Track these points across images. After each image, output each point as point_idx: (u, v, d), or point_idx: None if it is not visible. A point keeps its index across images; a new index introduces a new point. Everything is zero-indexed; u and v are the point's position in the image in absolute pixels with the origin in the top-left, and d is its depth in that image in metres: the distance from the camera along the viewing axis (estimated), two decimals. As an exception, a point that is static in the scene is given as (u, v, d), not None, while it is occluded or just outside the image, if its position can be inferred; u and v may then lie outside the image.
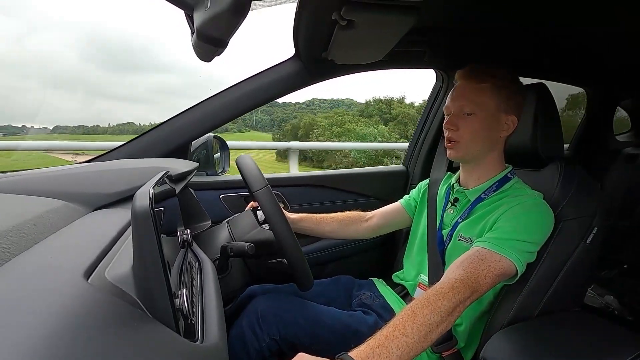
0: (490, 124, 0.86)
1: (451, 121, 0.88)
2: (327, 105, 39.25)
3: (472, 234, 0.85)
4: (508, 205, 0.81)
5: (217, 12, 0.45)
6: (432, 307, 0.63)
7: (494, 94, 0.85)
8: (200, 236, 0.93)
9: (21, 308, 0.30)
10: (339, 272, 1.16)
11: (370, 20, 0.74)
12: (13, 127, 21.60)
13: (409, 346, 0.57)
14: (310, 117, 35.69)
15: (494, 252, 0.74)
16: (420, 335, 0.59)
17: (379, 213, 1.15)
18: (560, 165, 0.90)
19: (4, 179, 0.68)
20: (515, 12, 0.92)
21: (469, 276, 0.69)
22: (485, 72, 0.86)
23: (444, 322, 0.63)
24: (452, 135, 0.88)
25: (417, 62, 1.25)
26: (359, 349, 0.55)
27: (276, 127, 36.03)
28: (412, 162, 1.51)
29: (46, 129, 36.21)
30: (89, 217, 0.62)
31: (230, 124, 36.73)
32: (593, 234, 0.84)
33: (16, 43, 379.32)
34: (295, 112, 38.07)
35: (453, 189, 0.98)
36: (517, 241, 0.75)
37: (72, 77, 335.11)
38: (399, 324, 0.59)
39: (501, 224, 0.79)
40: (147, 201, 0.39)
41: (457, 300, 0.65)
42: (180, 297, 0.44)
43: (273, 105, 38.30)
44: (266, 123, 36.96)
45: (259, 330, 0.82)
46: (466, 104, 0.86)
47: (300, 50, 1.05)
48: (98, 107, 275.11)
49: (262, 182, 0.82)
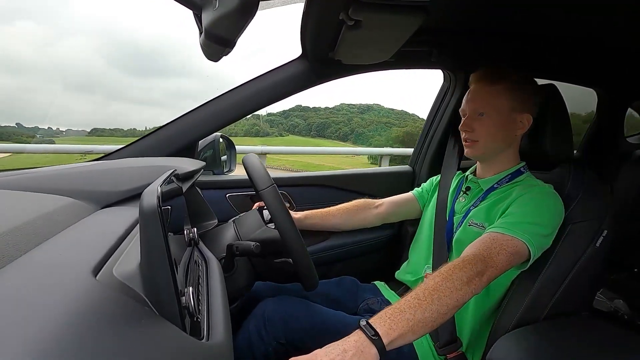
0: (504, 123, 0.88)
1: (466, 123, 0.91)
2: (357, 110, 39.50)
3: (483, 219, 0.87)
4: (518, 193, 0.83)
5: (226, 13, 0.45)
6: (443, 276, 0.65)
7: (508, 95, 0.86)
8: (206, 235, 0.93)
9: (30, 304, 0.30)
10: (344, 272, 1.16)
11: (377, 21, 0.73)
12: (52, 130, 22.00)
13: (425, 312, 0.60)
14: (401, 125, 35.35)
15: (506, 234, 0.75)
16: (434, 301, 0.62)
17: (388, 201, 1.16)
18: (570, 167, 0.89)
19: (14, 176, 0.69)
20: (524, 13, 0.91)
21: (481, 252, 0.71)
22: (499, 74, 0.88)
23: (457, 291, 0.64)
24: (468, 136, 0.91)
25: (424, 63, 1.24)
26: (378, 315, 0.60)
27: (314, 132, 36.12)
28: (419, 163, 1.50)
29: (84, 131, 37.14)
30: (97, 215, 0.63)
31: (271, 129, 36.84)
32: (602, 237, 0.83)
33: (43, 48, 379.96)
34: (331, 117, 38.20)
35: (466, 180, 1.00)
36: (528, 224, 0.77)
37: (93, 81, 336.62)
38: (414, 294, 0.63)
39: (512, 210, 0.81)
40: (155, 199, 0.39)
41: (471, 272, 0.66)
42: (186, 295, 0.44)
43: (305, 110, 38.56)
44: (303, 127, 37.14)
45: (265, 333, 0.81)
46: (480, 106, 0.88)
47: (308, 50, 1.05)
48: (115, 110, 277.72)
49: (268, 181, 0.82)
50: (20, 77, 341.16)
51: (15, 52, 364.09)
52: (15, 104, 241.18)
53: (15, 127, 22.05)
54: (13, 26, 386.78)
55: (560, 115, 0.91)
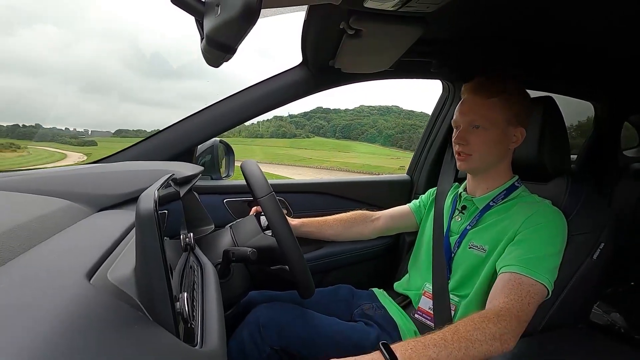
0: (499, 137, 0.86)
1: (460, 136, 0.88)
2: (377, 112, 39.64)
3: (484, 242, 0.85)
4: (524, 214, 0.81)
5: (227, 19, 0.46)
6: (475, 325, 0.64)
7: (504, 108, 0.85)
8: (202, 240, 0.93)
9: (23, 307, 0.30)
10: (340, 280, 1.15)
11: (377, 31, 0.74)
12: (77, 131, 22.34)
13: (449, 356, 0.59)
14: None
15: (529, 277, 0.73)
16: (461, 348, 0.60)
17: (385, 215, 1.15)
18: (567, 180, 0.89)
19: (9, 177, 0.69)
20: (523, 25, 0.92)
21: (513, 304, 0.69)
22: (495, 86, 0.86)
23: (486, 344, 0.62)
24: (462, 149, 0.88)
25: (423, 73, 1.25)
26: (400, 342, 0.59)
27: (339, 133, 36.13)
28: (417, 172, 1.50)
29: (108, 132, 37.49)
30: (93, 218, 0.62)
31: (298, 130, 36.83)
32: (600, 250, 0.83)
33: (61, 51, 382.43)
34: (355, 119, 38.24)
35: (460, 197, 0.98)
36: (546, 257, 0.75)
37: (108, 83, 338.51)
38: (441, 334, 0.62)
39: (525, 237, 0.79)
40: (152, 203, 0.39)
41: (502, 327, 0.64)
42: (181, 301, 0.44)
43: (327, 111, 38.66)
44: (328, 129, 37.19)
45: (259, 340, 0.81)
46: (476, 119, 0.86)
47: (308, 58, 1.06)
48: (125, 110, 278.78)
49: (267, 188, 0.82)
50: (38, 79, 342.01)
51: (33, 55, 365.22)
52: (33, 105, 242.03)
53: (34, 127, 22.23)
54: (32, 30, 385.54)
55: (558, 127, 0.92)
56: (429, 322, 0.91)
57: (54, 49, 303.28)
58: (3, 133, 16.50)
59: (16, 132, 17.21)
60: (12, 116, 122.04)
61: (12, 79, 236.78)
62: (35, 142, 16.88)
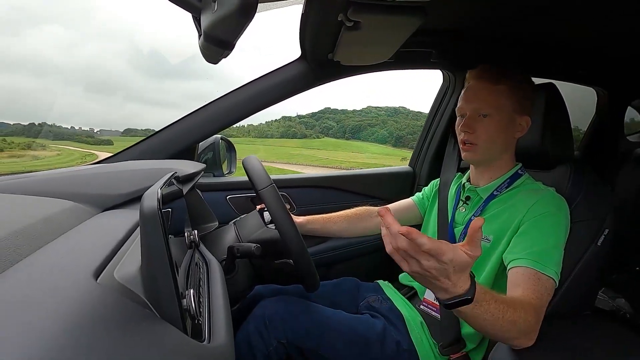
0: (506, 125, 0.85)
1: (467, 124, 0.86)
2: (384, 113, 39.47)
3: (488, 232, 0.85)
4: (527, 203, 0.81)
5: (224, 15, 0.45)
6: (516, 309, 0.64)
7: (511, 95, 0.84)
8: (207, 237, 0.93)
9: (31, 307, 0.31)
10: (345, 273, 1.15)
11: (376, 22, 0.73)
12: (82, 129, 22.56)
13: (491, 312, 0.60)
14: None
15: (540, 272, 0.72)
16: (506, 318, 0.62)
17: (389, 209, 1.15)
18: (570, 167, 0.89)
19: (14, 180, 0.69)
20: (523, 12, 0.91)
21: (535, 302, 0.69)
22: (501, 73, 0.85)
23: (514, 330, 0.64)
24: (468, 138, 0.87)
25: (423, 63, 1.24)
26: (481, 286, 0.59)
27: (349, 134, 36.04)
28: (419, 163, 1.50)
29: (117, 131, 37.65)
30: (98, 218, 0.63)
31: (308, 130, 36.71)
32: (604, 236, 0.83)
33: (67, 51, 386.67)
34: (364, 120, 38.16)
35: (464, 188, 0.97)
36: (552, 250, 0.75)
37: (113, 83, 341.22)
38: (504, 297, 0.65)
39: (529, 228, 0.78)
40: (155, 202, 0.39)
41: (521, 317, 0.64)
42: (187, 298, 0.44)
43: (335, 112, 38.58)
44: (337, 130, 37.11)
45: (266, 334, 0.81)
46: (483, 106, 0.85)
47: (307, 52, 1.05)
48: (130, 110, 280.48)
49: (267, 180, 0.82)
50: (45, 78, 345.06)
51: (41, 55, 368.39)
52: (38, 104, 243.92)
53: (49, 126, 22.25)
54: (39, 30, 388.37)
55: (561, 114, 0.91)
56: (434, 313, 0.92)
57: (59, 47, 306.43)
58: (20, 132, 16.44)
59: (33, 130, 17.12)
60: (18, 115, 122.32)
61: (19, 79, 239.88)
62: (51, 140, 16.76)
